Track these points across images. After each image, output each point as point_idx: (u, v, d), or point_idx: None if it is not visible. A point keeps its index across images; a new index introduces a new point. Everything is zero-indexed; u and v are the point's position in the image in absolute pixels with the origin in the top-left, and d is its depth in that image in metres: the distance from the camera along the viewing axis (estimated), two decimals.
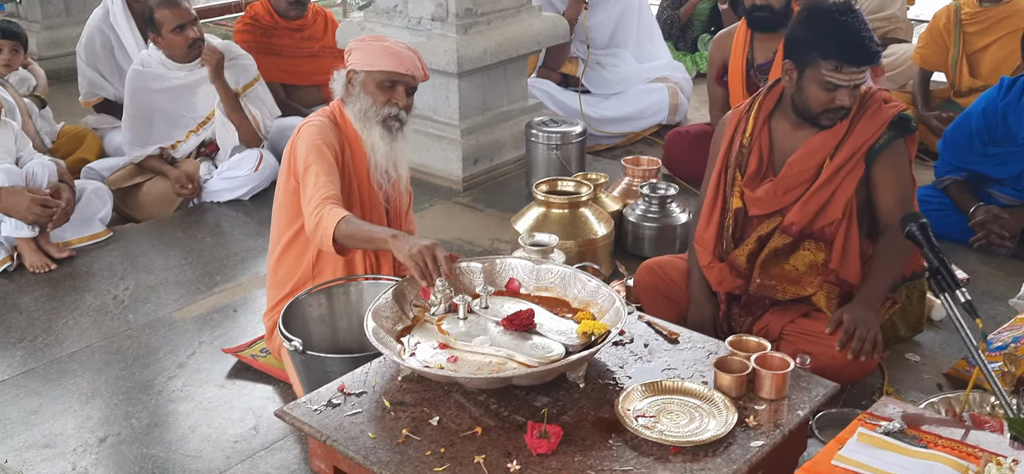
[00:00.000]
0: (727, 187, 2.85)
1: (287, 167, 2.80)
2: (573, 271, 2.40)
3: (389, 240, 2.41)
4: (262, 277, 3.58)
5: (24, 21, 6.66)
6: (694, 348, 2.31)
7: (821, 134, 2.73)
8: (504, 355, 2.11)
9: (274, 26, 5.00)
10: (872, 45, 2.62)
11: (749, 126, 2.83)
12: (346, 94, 2.81)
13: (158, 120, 4.26)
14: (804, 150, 2.74)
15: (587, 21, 5.21)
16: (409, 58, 2.76)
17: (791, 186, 2.75)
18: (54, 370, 3.02)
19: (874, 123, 2.71)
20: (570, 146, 4.24)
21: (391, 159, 2.81)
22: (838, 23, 2.62)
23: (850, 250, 2.74)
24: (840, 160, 2.71)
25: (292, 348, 2.45)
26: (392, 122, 2.78)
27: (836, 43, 2.60)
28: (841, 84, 2.61)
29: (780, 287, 2.77)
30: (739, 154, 2.83)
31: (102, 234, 3.93)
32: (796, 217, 2.74)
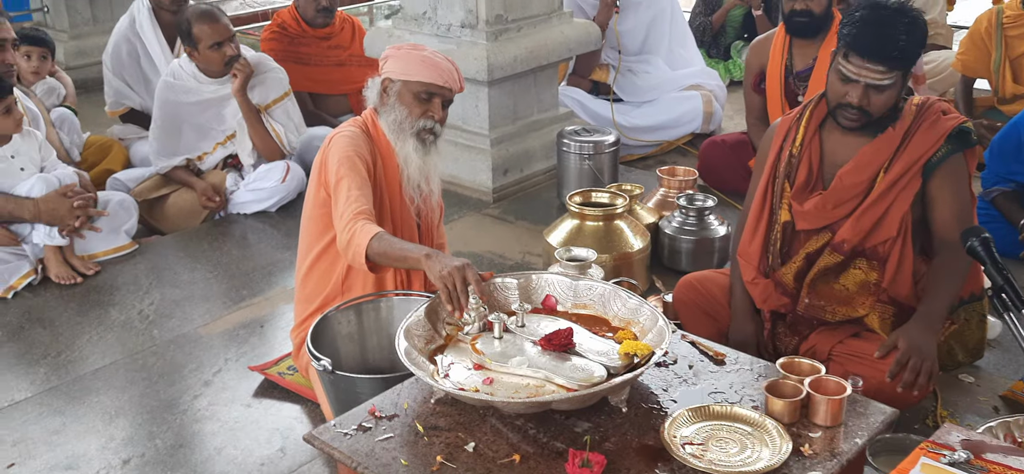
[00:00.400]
0: (775, 199, 2.72)
1: (317, 178, 2.72)
2: (613, 288, 2.29)
3: (422, 259, 2.32)
4: (289, 291, 3.51)
5: (51, 30, 6.65)
6: (742, 370, 2.19)
7: (874, 145, 2.57)
8: (542, 377, 2.00)
9: (301, 34, 4.95)
10: (888, 44, 2.42)
11: (799, 135, 2.69)
12: (380, 103, 2.73)
13: (186, 131, 4.22)
14: (856, 162, 2.59)
15: (618, 26, 5.11)
16: (447, 69, 2.68)
17: (841, 200, 2.60)
18: (78, 388, 2.96)
19: (932, 135, 2.56)
20: (603, 156, 4.14)
21: (424, 173, 2.73)
22: (866, 13, 2.46)
23: (904, 269, 2.60)
24: (895, 174, 2.55)
25: (321, 368, 2.37)
26: (426, 135, 2.71)
27: (852, 30, 2.46)
28: (849, 76, 2.47)
29: (830, 308, 2.63)
30: (788, 164, 2.69)
31: (128, 246, 3.87)
32: (848, 234, 2.59)
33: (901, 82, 2.52)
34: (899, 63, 2.46)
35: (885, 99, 2.51)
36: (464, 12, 4.22)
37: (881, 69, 2.45)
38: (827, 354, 2.62)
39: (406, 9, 4.48)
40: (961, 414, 2.69)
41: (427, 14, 4.37)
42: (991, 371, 2.91)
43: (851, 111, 2.52)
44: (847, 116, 2.54)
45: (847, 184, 2.60)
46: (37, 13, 6.77)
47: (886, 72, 2.45)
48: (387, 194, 2.74)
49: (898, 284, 2.60)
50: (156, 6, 4.77)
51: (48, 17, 6.71)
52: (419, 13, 4.41)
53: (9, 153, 3.64)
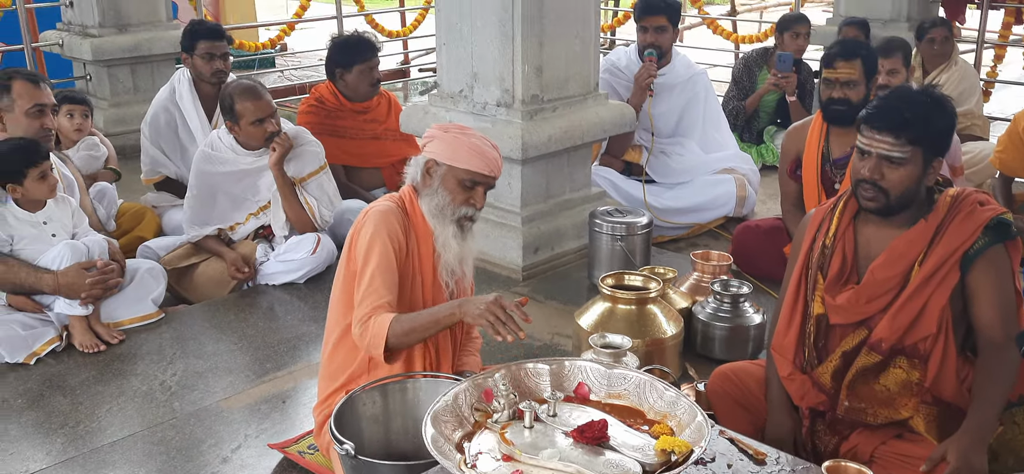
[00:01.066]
0: (809, 291, 2.63)
1: (348, 252, 2.69)
2: (649, 378, 2.20)
3: (456, 311, 2.45)
4: (314, 366, 3.45)
5: (92, 97, 6.78)
6: (783, 471, 2.09)
7: (906, 237, 2.49)
8: (574, 472, 1.91)
9: (339, 108, 4.99)
10: (896, 115, 2.41)
11: (833, 225, 2.62)
12: (423, 184, 2.70)
13: (221, 201, 4.22)
14: (887, 255, 2.50)
15: (652, 109, 5.10)
16: (494, 159, 2.66)
17: (875, 295, 2.51)
18: (94, 461, 2.90)
19: (968, 226, 2.46)
20: (635, 237, 4.08)
21: (460, 258, 2.70)
22: (887, 93, 2.52)
23: (947, 367, 2.49)
24: (930, 267, 2.45)
25: (343, 452, 2.29)
26: (466, 222, 2.68)
27: (869, 107, 2.50)
28: (862, 147, 2.47)
29: (871, 410, 2.52)
30: (821, 255, 2.61)
31: (154, 315, 3.85)
32: (885, 332, 2.49)
33: (921, 163, 2.45)
34: (910, 134, 2.41)
35: (901, 176, 2.44)
36: (500, 91, 4.22)
37: (891, 140, 2.42)
38: (870, 455, 2.51)
39: (443, 87, 4.49)
40: None
41: (463, 92, 4.38)
42: None
43: (866, 187, 2.47)
44: (865, 195, 2.49)
45: (879, 278, 2.51)
46: (80, 81, 6.91)
47: (896, 143, 2.41)
48: (421, 275, 2.70)
49: (942, 383, 2.49)
50: (197, 78, 4.84)
51: (90, 85, 6.84)
52: (455, 91, 4.42)
53: (42, 219, 3.65)
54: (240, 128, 4.11)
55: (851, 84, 3.83)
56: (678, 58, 5.34)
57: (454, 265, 2.70)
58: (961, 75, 5.61)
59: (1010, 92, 8.29)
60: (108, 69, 6.68)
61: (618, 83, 5.17)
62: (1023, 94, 7.78)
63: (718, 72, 8.37)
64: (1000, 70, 7.82)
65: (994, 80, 7.56)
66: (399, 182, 5.16)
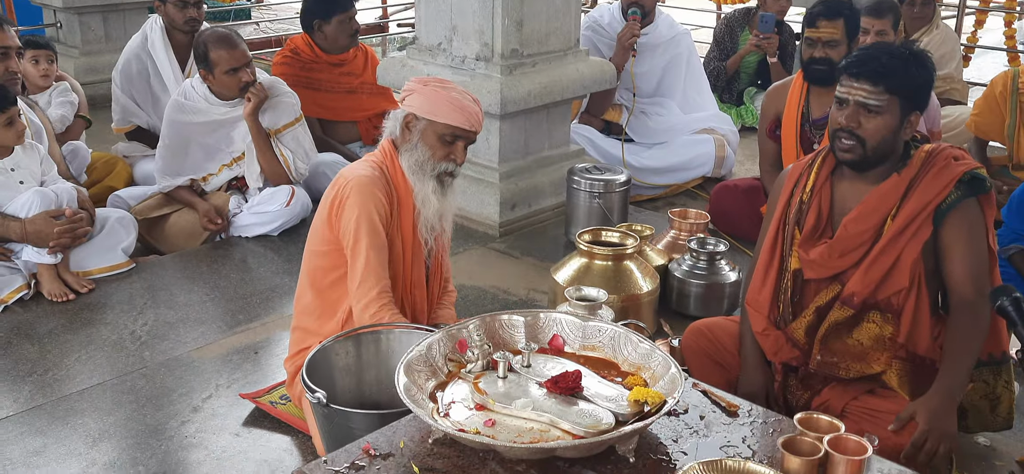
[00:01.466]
0: (785, 245, 2.62)
1: (327, 217, 2.62)
2: (624, 331, 2.19)
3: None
4: (287, 318, 3.42)
5: (63, 45, 6.64)
6: (756, 423, 2.09)
7: (879, 190, 2.49)
8: (547, 421, 1.90)
9: (314, 60, 4.90)
10: (875, 63, 2.41)
11: (810, 180, 2.61)
12: (402, 139, 2.65)
13: (193, 151, 4.15)
14: (861, 209, 2.50)
15: (634, 68, 5.06)
16: (474, 112, 2.61)
17: (847, 249, 2.51)
18: (62, 408, 2.86)
19: (941, 180, 2.45)
20: (613, 195, 4.06)
21: (440, 214, 2.66)
22: (865, 46, 2.56)
23: (920, 322, 2.49)
24: (903, 220, 2.45)
25: (315, 400, 2.27)
26: (446, 177, 2.64)
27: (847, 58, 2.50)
28: (839, 96, 2.46)
29: (843, 364, 2.53)
30: (799, 210, 2.61)
31: (124, 265, 3.79)
32: (857, 287, 2.49)
33: (898, 113, 2.44)
34: (888, 83, 2.41)
35: (877, 125, 2.43)
36: (479, 45, 4.16)
37: (868, 87, 2.41)
38: (841, 410, 2.52)
39: (421, 40, 4.43)
40: None
41: (442, 45, 4.32)
42: (1008, 434, 2.80)
43: (844, 136, 2.46)
44: (842, 145, 2.48)
45: (852, 232, 2.50)
46: (50, 28, 6.76)
47: (873, 90, 2.41)
48: (400, 235, 2.66)
49: (915, 338, 2.49)
50: (169, 26, 4.74)
51: (61, 32, 6.69)
52: (434, 44, 4.36)
53: (9, 166, 3.58)
54: (214, 77, 4.03)
55: (833, 43, 3.82)
56: (661, 17, 5.29)
57: (434, 221, 2.67)
58: (942, 39, 5.60)
59: (989, 58, 8.31)
60: (79, 17, 6.53)
61: (600, 41, 5.12)
62: (1002, 59, 7.81)
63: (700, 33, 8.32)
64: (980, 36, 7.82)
65: (974, 45, 7.56)
66: (376, 136, 5.13)
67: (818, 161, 2.63)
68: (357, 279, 2.54)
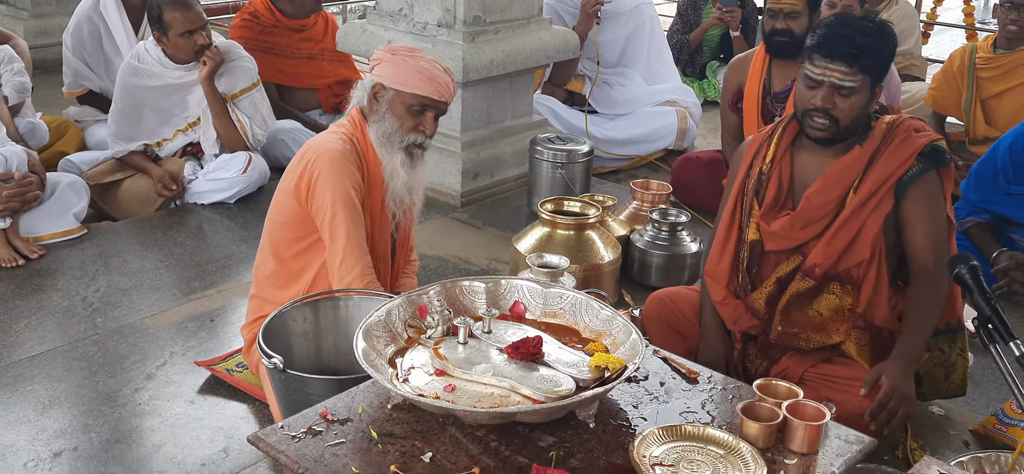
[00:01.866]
0: (743, 216, 2.62)
1: (295, 190, 2.54)
2: (585, 297, 2.18)
3: None
4: (243, 285, 3.36)
5: (13, 8, 6.44)
6: (715, 390, 2.09)
7: (841, 163, 2.49)
8: (507, 387, 1.89)
9: (274, 24, 4.81)
10: (849, 43, 2.38)
11: (770, 151, 2.60)
12: (369, 109, 2.58)
13: (147, 116, 4.05)
14: (823, 181, 2.50)
15: (598, 37, 5.03)
16: (444, 82, 2.54)
17: (809, 221, 2.51)
18: (10, 375, 2.78)
19: (902, 152, 2.47)
20: (576, 165, 4.05)
21: (409, 187, 2.60)
22: (831, 20, 2.48)
23: (880, 293, 2.51)
24: (865, 193, 2.46)
25: (271, 366, 2.23)
26: (415, 149, 2.57)
27: (816, 34, 2.45)
28: (812, 76, 2.42)
29: (804, 335, 2.54)
30: (758, 181, 2.61)
31: (76, 231, 3.69)
32: (819, 258, 2.50)
33: (868, 91, 2.44)
34: (863, 63, 2.40)
35: (851, 104, 2.42)
36: (441, 10, 4.11)
37: (844, 68, 2.39)
38: (799, 378, 2.53)
39: (382, 5, 4.36)
40: (931, 447, 2.62)
41: (403, 11, 4.26)
42: (962, 404, 2.85)
43: (817, 116, 2.44)
44: (814, 124, 2.46)
45: (814, 204, 2.50)
46: None
47: (849, 72, 2.39)
48: (369, 206, 2.60)
49: (874, 309, 2.52)
50: None
51: None
52: (395, 9, 4.29)
53: None
54: (168, 40, 3.93)
55: (794, 15, 3.82)
56: None
57: (402, 194, 2.61)
58: (902, 14, 5.64)
59: (948, 35, 8.42)
60: None
61: (564, 9, 5.09)
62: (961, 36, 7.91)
63: (665, 7, 8.32)
64: (940, 13, 7.92)
65: (934, 22, 7.65)
66: (335, 104, 5.08)
67: (778, 132, 2.62)
68: (338, 256, 2.47)
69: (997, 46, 4.52)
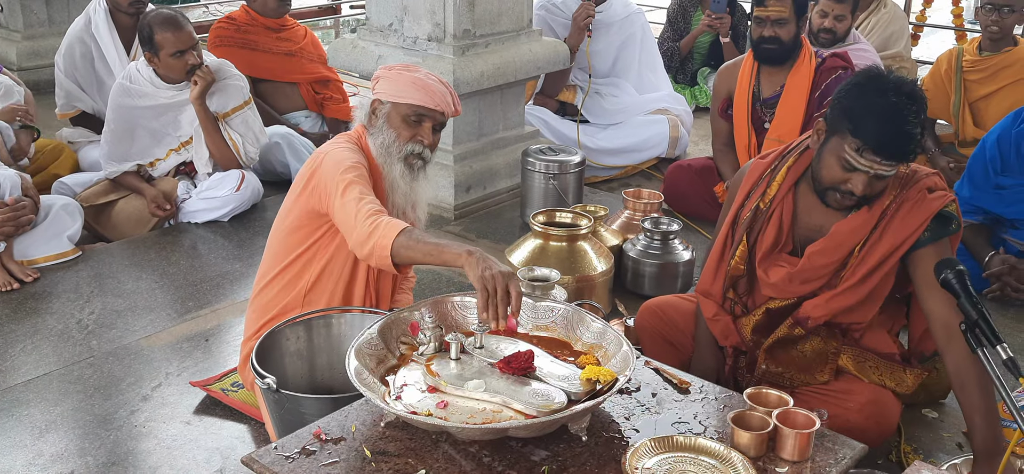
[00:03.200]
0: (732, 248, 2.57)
1: (303, 187, 2.54)
2: (576, 310, 2.20)
3: (464, 256, 2.12)
4: (238, 304, 3.37)
5: (5, 29, 6.46)
6: (707, 400, 2.10)
7: (849, 223, 2.39)
8: (499, 402, 1.90)
9: (251, 23, 4.96)
10: (909, 143, 2.23)
11: (772, 189, 2.50)
12: (369, 124, 2.59)
13: (140, 136, 4.07)
14: (829, 241, 2.41)
15: (589, 48, 5.05)
16: (440, 92, 2.54)
17: (810, 278, 2.45)
18: (6, 400, 2.79)
19: (913, 219, 2.34)
20: (568, 176, 4.06)
21: (410, 200, 2.59)
22: (883, 105, 2.23)
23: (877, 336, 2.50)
24: (874, 260, 2.37)
25: (264, 386, 2.24)
26: (414, 160, 2.56)
27: (869, 124, 2.23)
28: (859, 168, 2.26)
29: (788, 374, 2.51)
30: (752, 216, 2.52)
31: (70, 253, 3.70)
32: (814, 313, 2.45)
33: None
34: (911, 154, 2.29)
35: (885, 185, 2.34)
36: (431, 25, 4.13)
37: (893, 164, 2.27)
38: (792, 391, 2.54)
39: (372, 20, 4.37)
40: (924, 450, 2.63)
41: (393, 26, 4.28)
42: (954, 407, 2.85)
43: (851, 199, 2.33)
44: (843, 203, 2.35)
45: (817, 264, 2.43)
46: None
47: (896, 165, 2.28)
48: None
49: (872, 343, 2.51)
50: (113, 8, 4.63)
51: (2, 17, 6.50)
52: (385, 25, 4.31)
53: None
54: (160, 60, 3.95)
55: (782, 22, 3.85)
56: None
57: (404, 206, 2.59)
58: (890, 18, 5.67)
59: (938, 37, 8.45)
60: (21, 0, 6.35)
61: (554, 21, 5.10)
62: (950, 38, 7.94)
63: (655, 14, 8.34)
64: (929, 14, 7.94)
65: (923, 24, 7.68)
66: (318, 101, 5.15)
67: (783, 170, 2.51)
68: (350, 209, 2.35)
69: (982, 49, 4.55)
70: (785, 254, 2.51)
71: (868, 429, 2.39)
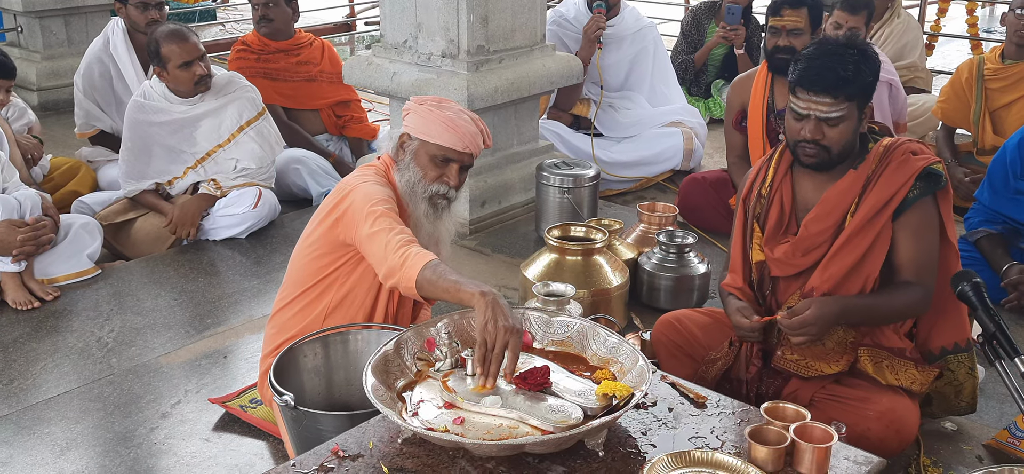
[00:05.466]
0: (747, 239, 2.65)
1: (328, 216, 2.52)
2: (591, 325, 2.20)
3: (477, 297, 2.06)
4: (256, 320, 3.40)
5: (24, 49, 6.55)
6: (724, 414, 2.10)
7: (837, 188, 2.50)
8: (516, 418, 1.91)
9: (264, 48, 4.98)
10: (831, 74, 2.38)
11: (769, 175, 2.63)
12: (397, 157, 2.57)
13: (157, 154, 4.11)
14: (820, 208, 2.51)
15: (601, 62, 5.07)
16: (471, 134, 2.48)
17: (809, 247, 2.52)
18: (28, 418, 2.82)
19: (900, 176, 2.46)
20: (582, 190, 4.07)
21: (433, 237, 2.56)
22: (811, 50, 2.47)
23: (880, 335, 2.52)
24: (861, 218, 2.46)
25: (282, 403, 2.25)
26: (439, 200, 2.52)
27: (799, 64, 2.46)
28: (800, 111, 2.44)
29: (804, 361, 2.53)
30: (757, 203, 2.63)
31: (90, 271, 3.74)
32: (818, 282, 2.49)
33: (858, 114, 2.45)
34: (847, 92, 2.41)
35: (840, 132, 2.44)
36: (445, 42, 4.15)
37: (828, 100, 2.40)
38: (809, 400, 2.54)
39: (387, 37, 4.41)
40: (945, 463, 2.61)
41: (408, 43, 4.31)
42: (975, 419, 2.84)
43: (808, 146, 2.46)
44: (806, 152, 2.48)
45: (813, 231, 2.51)
46: (11, 32, 6.65)
47: (834, 103, 2.40)
48: None
49: (879, 334, 2.52)
50: (131, 28, 4.69)
51: (21, 37, 6.59)
52: (399, 42, 4.34)
53: None
54: (168, 73, 4.01)
55: (797, 32, 3.85)
56: (627, 10, 5.31)
57: (427, 245, 2.52)
58: (904, 27, 5.66)
59: (953, 46, 8.42)
60: (40, 20, 6.44)
61: (566, 35, 5.13)
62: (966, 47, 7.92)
63: (668, 27, 8.36)
64: (944, 24, 7.93)
65: (938, 33, 7.66)
66: (340, 125, 5.18)
67: (776, 156, 2.64)
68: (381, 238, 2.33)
69: (1005, 56, 4.53)
70: (791, 234, 2.58)
71: (887, 438, 2.39)
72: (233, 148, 4.15)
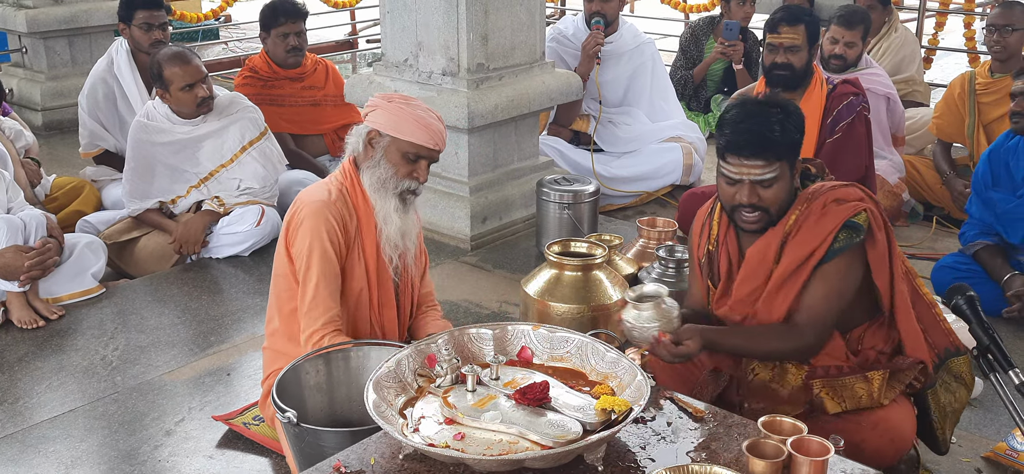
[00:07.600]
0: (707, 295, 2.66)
1: (284, 241, 2.64)
2: (590, 340, 2.23)
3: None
4: (259, 338, 3.42)
5: (29, 70, 6.60)
6: (721, 428, 2.12)
7: (756, 246, 2.48)
8: (516, 433, 1.93)
9: (273, 76, 4.95)
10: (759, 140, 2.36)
11: (714, 229, 2.62)
12: (364, 155, 2.64)
13: (160, 173, 4.15)
14: (745, 268, 2.50)
15: (599, 77, 5.11)
16: (439, 131, 2.61)
17: (744, 308, 2.53)
18: (33, 436, 2.84)
19: (821, 228, 2.41)
20: (582, 205, 4.10)
21: (402, 231, 2.65)
22: (737, 112, 2.43)
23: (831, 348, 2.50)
24: (784, 270, 2.44)
25: (285, 420, 2.28)
26: (409, 195, 2.64)
27: (727, 129, 2.42)
28: (731, 176, 2.41)
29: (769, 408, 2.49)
30: (708, 258, 2.63)
31: (94, 290, 3.77)
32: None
33: (789, 172, 2.44)
34: (776, 153, 2.39)
35: (775, 192, 2.42)
36: (446, 60, 4.19)
37: (760, 163, 2.38)
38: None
39: (387, 56, 4.45)
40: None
41: (408, 61, 4.35)
42: (972, 429, 2.86)
43: (746, 211, 2.44)
44: (746, 219, 2.46)
45: (743, 294, 2.52)
46: (15, 53, 6.70)
47: (766, 164, 2.38)
48: (363, 253, 2.65)
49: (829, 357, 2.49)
50: (135, 48, 4.73)
51: (26, 58, 6.64)
52: (400, 60, 4.38)
53: None
54: (171, 95, 4.04)
55: (794, 49, 3.88)
56: (625, 26, 5.35)
57: (397, 239, 2.65)
58: (901, 41, 5.70)
59: (951, 59, 8.46)
60: (45, 41, 6.49)
61: (565, 52, 5.17)
62: (964, 61, 7.95)
63: (667, 42, 8.40)
64: (941, 38, 7.96)
65: (936, 47, 7.70)
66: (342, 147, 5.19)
67: (716, 213, 2.62)
68: (305, 307, 2.55)
69: (993, 71, 4.58)
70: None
71: (883, 448, 2.40)
72: (236, 168, 4.18)
